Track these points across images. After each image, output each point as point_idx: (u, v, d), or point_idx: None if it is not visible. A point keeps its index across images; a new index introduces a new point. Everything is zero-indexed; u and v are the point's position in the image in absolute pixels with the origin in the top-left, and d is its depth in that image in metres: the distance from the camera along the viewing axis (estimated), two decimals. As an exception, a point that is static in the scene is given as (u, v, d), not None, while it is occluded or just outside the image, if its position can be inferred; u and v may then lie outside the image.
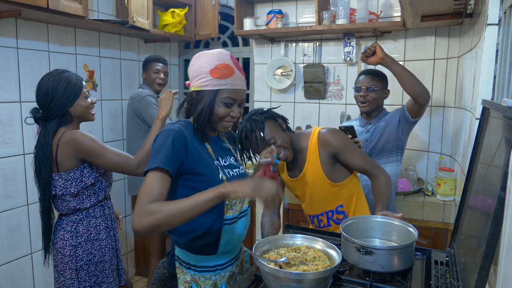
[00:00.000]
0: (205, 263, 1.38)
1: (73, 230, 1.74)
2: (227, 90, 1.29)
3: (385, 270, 1.28)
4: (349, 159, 1.73)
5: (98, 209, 1.80)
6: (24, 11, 2.21)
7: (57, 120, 1.69)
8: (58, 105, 1.67)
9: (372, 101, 2.12)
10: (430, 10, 2.19)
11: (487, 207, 0.95)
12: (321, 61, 3.08)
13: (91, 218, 1.77)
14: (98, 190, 1.78)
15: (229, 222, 1.36)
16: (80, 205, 1.75)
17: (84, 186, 1.72)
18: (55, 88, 1.67)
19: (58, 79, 1.69)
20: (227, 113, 1.32)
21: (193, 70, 1.32)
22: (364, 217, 1.55)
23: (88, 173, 1.73)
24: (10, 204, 2.44)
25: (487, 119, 1.27)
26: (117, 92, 3.19)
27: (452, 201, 2.34)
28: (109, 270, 1.83)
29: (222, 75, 1.28)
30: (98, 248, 1.78)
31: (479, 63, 1.63)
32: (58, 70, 1.74)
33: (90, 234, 1.76)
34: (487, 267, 0.84)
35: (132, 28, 2.87)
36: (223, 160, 1.40)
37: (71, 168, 1.70)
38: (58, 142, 1.67)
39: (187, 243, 1.37)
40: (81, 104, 1.74)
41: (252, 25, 3.08)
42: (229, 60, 1.32)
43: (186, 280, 1.39)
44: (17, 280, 2.50)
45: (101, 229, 1.80)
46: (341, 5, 2.70)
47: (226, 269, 1.42)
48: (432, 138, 2.78)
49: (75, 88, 1.71)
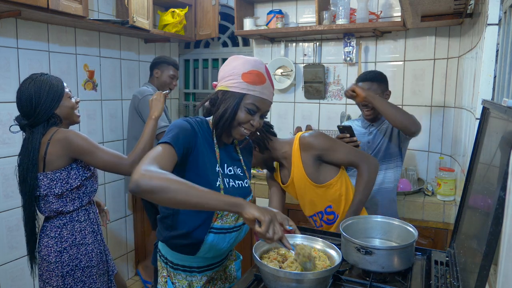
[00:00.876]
0: (181, 262, 1.38)
1: (57, 235, 1.71)
2: (254, 97, 1.27)
3: (385, 270, 1.28)
4: (334, 158, 1.76)
5: (82, 213, 1.76)
6: (24, 11, 2.21)
7: (43, 125, 1.66)
8: (44, 109, 1.64)
9: (375, 109, 2.06)
10: (430, 10, 2.19)
11: (487, 207, 0.95)
12: (321, 61, 3.08)
13: (75, 222, 1.73)
14: (83, 195, 1.75)
15: (216, 231, 1.33)
16: (63, 208, 1.71)
17: (69, 188, 1.69)
18: (37, 92, 1.64)
19: (39, 83, 1.65)
20: (247, 120, 1.29)
21: (226, 70, 1.31)
22: (364, 217, 1.55)
23: (75, 175, 1.69)
24: (10, 204, 2.44)
25: (487, 119, 1.27)
26: (117, 92, 3.18)
27: (452, 201, 2.34)
28: (96, 275, 1.78)
29: (253, 80, 1.27)
30: (84, 253, 1.74)
31: (479, 63, 1.63)
32: (36, 74, 1.71)
33: (75, 239, 1.72)
34: (487, 267, 0.84)
35: (132, 28, 2.87)
36: (228, 169, 1.38)
37: (59, 167, 1.66)
38: (49, 140, 1.63)
39: (168, 238, 1.36)
40: (66, 105, 1.72)
41: (252, 25, 3.08)
42: (263, 69, 1.30)
43: (163, 274, 1.39)
44: (17, 280, 2.50)
45: (86, 233, 1.76)
46: (341, 5, 2.70)
47: (204, 273, 1.40)
48: (432, 138, 2.78)
49: (57, 89, 1.69)
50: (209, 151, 1.32)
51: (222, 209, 1.09)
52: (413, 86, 2.80)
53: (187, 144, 1.25)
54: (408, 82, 2.81)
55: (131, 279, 3.41)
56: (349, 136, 1.94)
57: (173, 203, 1.09)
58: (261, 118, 1.34)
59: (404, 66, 2.82)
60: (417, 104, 2.79)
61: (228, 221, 1.34)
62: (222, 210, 1.11)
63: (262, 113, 1.32)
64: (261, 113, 1.31)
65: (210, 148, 1.33)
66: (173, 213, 1.34)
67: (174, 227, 1.34)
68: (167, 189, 1.06)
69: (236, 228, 1.38)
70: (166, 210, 1.36)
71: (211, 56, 3.80)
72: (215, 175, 1.31)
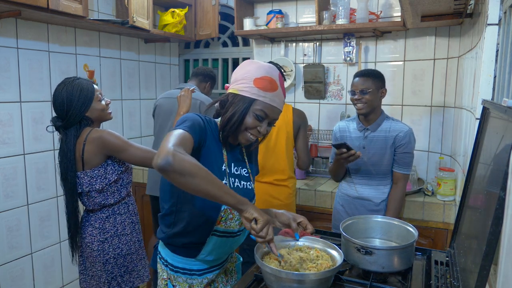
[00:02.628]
0: (182, 264, 1.36)
1: (101, 226, 1.86)
2: (264, 103, 1.25)
3: (385, 270, 1.28)
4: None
5: (122, 207, 1.91)
6: (24, 11, 2.21)
7: (76, 127, 1.78)
8: (75, 112, 1.77)
9: (367, 103, 2.05)
10: (430, 10, 2.19)
11: (487, 207, 0.95)
12: (321, 61, 3.08)
13: (116, 215, 1.89)
14: (120, 187, 1.89)
15: (219, 235, 1.33)
16: (105, 201, 1.85)
17: (108, 183, 1.82)
18: (69, 97, 1.76)
19: (70, 88, 1.77)
20: (254, 126, 1.28)
21: (239, 73, 1.30)
22: (364, 217, 1.56)
23: (111, 170, 1.82)
24: (10, 204, 2.44)
25: (487, 119, 1.27)
26: (117, 92, 3.19)
27: (452, 201, 2.34)
28: (137, 260, 1.96)
29: (264, 86, 1.25)
30: (125, 243, 1.90)
31: (479, 63, 1.63)
32: (69, 78, 1.82)
33: (116, 230, 1.88)
34: (487, 267, 0.84)
35: (132, 28, 2.87)
36: (235, 169, 1.37)
37: (96, 165, 1.79)
38: (85, 141, 1.76)
39: (168, 236, 1.36)
40: (96, 108, 1.83)
41: (252, 25, 3.08)
42: (276, 77, 1.29)
43: (163, 277, 1.38)
44: (17, 280, 2.50)
45: (126, 224, 1.92)
46: (341, 5, 2.70)
47: (204, 276, 1.39)
48: (432, 138, 2.78)
49: (88, 93, 1.80)
50: (216, 149, 1.32)
51: (230, 205, 1.13)
52: (413, 86, 2.80)
53: (201, 136, 1.25)
54: (408, 82, 2.81)
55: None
56: (347, 151, 1.93)
57: (194, 188, 1.09)
58: (269, 125, 1.32)
59: (404, 66, 2.82)
60: (417, 104, 2.79)
61: (231, 225, 1.34)
62: (231, 206, 1.14)
63: (270, 121, 1.31)
64: (269, 120, 1.30)
65: (218, 147, 1.33)
66: (176, 211, 1.34)
67: (175, 224, 1.34)
68: (196, 174, 1.07)
69: (239, 232, 1.39)
70: (168, 207, 1.35)
71: (211, 56, 3.80)
72: (221, 174, 1.31)
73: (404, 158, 2.06)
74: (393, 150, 2.07)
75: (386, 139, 2.07)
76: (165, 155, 1.04)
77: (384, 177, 2.11)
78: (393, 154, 2.07)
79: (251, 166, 1.47)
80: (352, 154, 1.92)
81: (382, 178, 2.11)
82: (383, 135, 2.08)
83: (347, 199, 2.17)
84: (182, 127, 1.19)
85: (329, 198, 2.61)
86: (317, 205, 2.66)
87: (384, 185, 2.11)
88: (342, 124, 2.24)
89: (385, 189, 2.11)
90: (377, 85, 2.06)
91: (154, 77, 3.59)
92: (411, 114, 2.82)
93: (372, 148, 2.09)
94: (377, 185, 2.11)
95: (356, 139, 2.13)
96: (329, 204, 2.60)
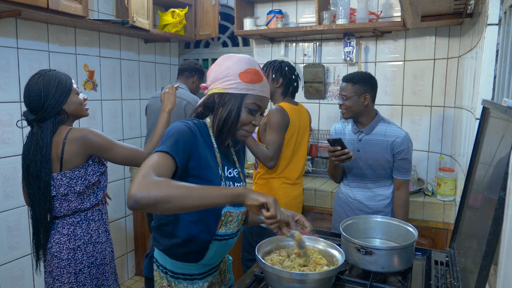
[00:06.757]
0: (182, 270, 1.33)
1: (70, 233, 1.71)
2: (255, 96, 1.24)
3: (385, 270, 1.28)
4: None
5: (96, 213, 1.79)
6: (24, 11, 2.21)
7: (52, 120, 1.66)
8: (52, 104, 1.65)
9: (347, 109, 2.03)
10: (430, 10, 2.19)
11: (487, 207, 0.95)
12: (321, 61, 3.08)
13: (90, 221, 1.76)
14: (97, 190, 1.78)
15: (220, 238, 1.31)
16: (80, 205, 1.73)
17: (88, 185, 1.71)
18: (46, 88, 1.64)
19: (48, 78, 1.66)
20: (249, 121, 1.26)
21: (219, 72, 1.25)
22: (364, 217, 1.56)
23: (92, 171, 1.72)
24: (10, 204, 2.44)
25: (487, 119, 1.27)
26: (117, 92, 3.18)
27: (452, 201, 2.34)
28: (109, 273, 1.83)
29: (251, 79, 1.23)
30: (100, 251, 1.78)
31: (479, 63, 1.63)
32: (44, 69, 1.72)
33: (90, 237, 1.75)
34: (487, 267, 0.84)
35: (132, 28, 2.87)
36: (228, 171, 1.35)
37: (77, 165, 1.68)
38: (65, 140, 1.64)
39: (168, 247, 1.32)
40: (74, 101, 1.73)
41: (252, 25, 3.08)
42: (258, 67, 1.28)
43: (162, 285, 1.33)
44: (17, 280, 2.50)
45: (100, 232, 1.80)
46: (341, 5, 2.70)
47: (205, 279, 1.37)
48: (432, 138, 2.78)
49: (66, 85, 1.69)
50: (209, 154, 1.28)
51: (226, 203, 1.08)
52: (413, 86, 2.80)
53: (187, 149, 1.19)
54: (408, 82, 2.81)
55: (131, 279, 3.41)
56: (341, 149, 1.92)
57: (178, 210, 1.05)
58: (261, 116, 1.32)
59: (404, 66, 2.82)
60: (417, 104, 2.79)
61: (231, 227, 1.33)
62: (227, 203, 1.10)
63: (262, 111, 1.31)
64: (261, 111, 1.30)
65: (211, 151, 1.29)
66: (173, 220, 1.30)
67: (174, 234, 1.30)
68: (168, 198, 1.01)
69: (237, 233, 1.38)
70: (165, 217, 1.32)
71: (211, 56, 3.80)
72: (218, 179, 1.28)
73: (404, 164, 2.04)
74: (391, 156, 2.04)
75: (382, 143, 2.04)
76: (131, 194, 1.00)
77: (380, 181, 2.09)
78: (391, 159, 2.04)
79: (241, 166, 1.45)
80: (345, 153, 1.91)
81: (378, 182, 2.09)
82: (379, 139, 2.05)
83: (346, 202, 2.17)
84: (161, 149, 1.15)
85: (329, 198, 2.61)
86: (317, 205, 2.66)
87: (381, 189, 2.10)
88: (338, 126, 2.23)
89: (382, 192, 2.09)
90: (358, 91, 2.01)
91: (154, 77, 3.59)
92: (411, 114, 2.82)
93: (367, 151, 2.06)
94: (373, 188, 2.10)
95: (351, 142, 2.10)
96: (329, 204, 2.60)
